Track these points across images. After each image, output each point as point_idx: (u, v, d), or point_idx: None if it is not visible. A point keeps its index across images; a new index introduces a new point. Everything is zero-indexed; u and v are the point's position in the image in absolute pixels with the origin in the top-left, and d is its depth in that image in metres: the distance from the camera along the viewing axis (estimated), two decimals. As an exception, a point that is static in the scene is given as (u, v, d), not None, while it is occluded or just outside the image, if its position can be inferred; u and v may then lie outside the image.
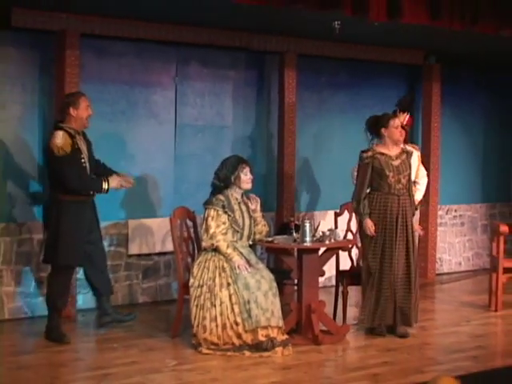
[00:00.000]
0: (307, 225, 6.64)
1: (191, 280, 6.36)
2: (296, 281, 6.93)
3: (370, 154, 6.83)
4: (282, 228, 7.72)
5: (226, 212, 6.41)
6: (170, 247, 7.55)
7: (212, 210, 6.40)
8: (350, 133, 9.44)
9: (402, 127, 7.75)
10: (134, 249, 7.97)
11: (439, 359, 6.31)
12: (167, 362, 6.02)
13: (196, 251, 6.99)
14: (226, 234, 6.39)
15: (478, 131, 10.65)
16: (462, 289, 9.28)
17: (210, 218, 6.38)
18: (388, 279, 6.71)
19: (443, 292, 9.06)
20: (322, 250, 6.85)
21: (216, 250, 6.34)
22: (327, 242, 6.71)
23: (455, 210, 10.35)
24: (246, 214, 6.55)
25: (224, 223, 6.40)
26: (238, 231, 6.47)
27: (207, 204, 6.45)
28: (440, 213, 10.03)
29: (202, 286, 6.28)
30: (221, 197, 6.45)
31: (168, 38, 7.93)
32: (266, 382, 5.57)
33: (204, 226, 6.40)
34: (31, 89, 7.49)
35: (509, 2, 6.85)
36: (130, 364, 5.94)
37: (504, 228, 7.86)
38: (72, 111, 6.49)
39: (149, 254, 8.06)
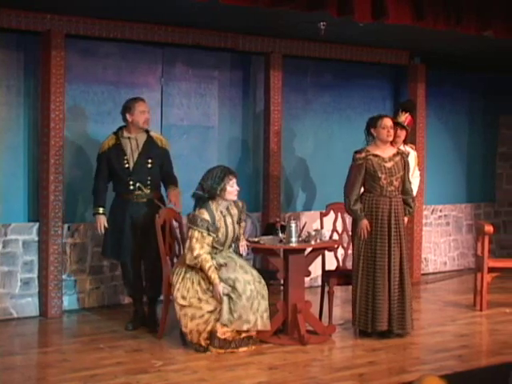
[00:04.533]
0: (293, 225, 6.65)
1: (174, 292, 6.36)
2: (282, 281, 6.95)
3: (363, 154, 6.78)
4: (268, 228, 7.74)
5: (209, 234, 6.33)
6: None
7: (196, 232, 6.30)
8: (335, 133, 9.48)
9: (403, 127, 7.79)
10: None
11: (424, 359, 6.34)
12: (154, 362, 6.00)
13: (182, 252, 6.98)
14: (210, 253, 6.34)
15: (463, 132, 10.70)
16: (447, 288, 9.32)
17: (194, 240, 6.29)
18: (382, 282, 6.67)
19: (428, 292, 9.09)
20: (307, 250, 6.86)
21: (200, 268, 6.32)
22: (313, 242, 6.72)
23: (440, 210, 10.40)
24: (230, 228, 6.47)
25: (208, 244, 6.34)
26: (218, 248, 6.45)
27: (192, 224, 6.34)
28: (425, 213, 10.07)
29: (185, 298, 6.31)
30: (206, 216, 6.33)
31: (154, 39, 7.93)
32: (252, 382, 5.57)
33: (188, 245, 6.32)
34: (16, 90, 7.47)
35: (491, 3, 6.89)
36: (116, 365, 5.93)
37: (489, 228, 7.89)
38: (128, 117, 6.93)
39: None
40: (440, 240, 10.41)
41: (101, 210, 6.96)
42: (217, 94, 8.68)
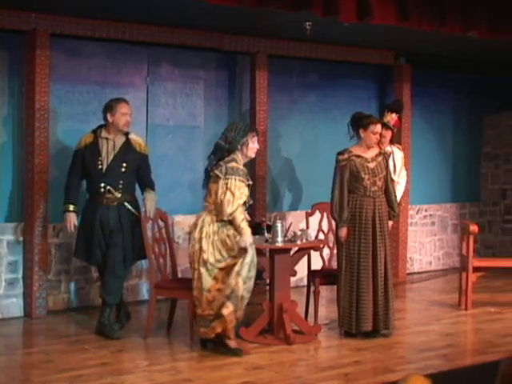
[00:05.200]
0: (279, 225, 6.65)
1: (204, 255, 6.14)
2: (268, 281, 6.95)
3: (346, 156, 6.78)
4: (254, 228, 7.72)
5: (248, 185, 6.19)
6: (141, 248, 7.50)
7: (238, 181, 6.10)
8: (321, 133, 9.49)
9: (389, 127, 7.81)
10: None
11: (410, 358, 6.35)
12: (139, 362, 5.99)
13: (168, 252, 6.97)
14: (242, 208, 6.18)
15: (448, 132, 10.74)
16: (432, 288, 9.34)
17: (236, 189, 6.08)
18: (366, 283, 6.66)
19: (414, 291, 9.11)
20: (293, 250, 6.86)
21: (230, 222, 6.13)
22: (299, 242, 6.72)
23: (426, 210, 10.43)
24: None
25: (245, 195, 6.18)
26: (246, 206, 6.28)
27: (230, 174, 6.10)
28: (411, 212, 10.10)
29: (221, 261, 6.17)
30: (239, 166, 6.16)
31: (139, 39, 7.91)
32: (238, 382, 5.56)
33: (227, 197, 6.06)
34: (0, 89, 7.43)
35: (474, 3, 6.91)
36: (101, 365, 5.91)
37: (474, 227, 7.93)
38: (109, 117, 6.72)
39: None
40: (425, 240, 10.44)
41: (71, 207, 6.77)
42: (202, 93, 8.68)
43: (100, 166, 6.70)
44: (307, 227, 7.31)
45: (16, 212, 7.52)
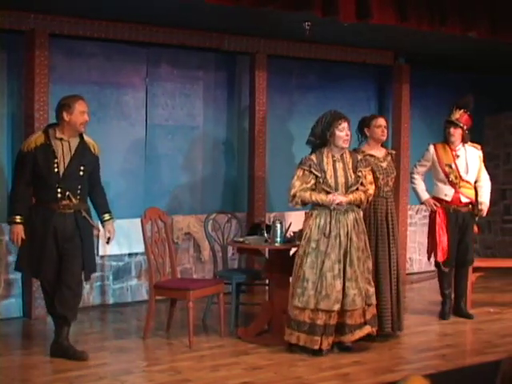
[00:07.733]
0: (278, 225, 6.66)
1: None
2: (267, 281, 6.94)
3: (360, 155, 6.76)
4: (254, 228, 7.73)
5: (311, 172, 6.25)
6: (140, 248, 7.49)
7: (299, 170, 6.30)
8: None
9: (458, 125, 7.36)
10: (104, 249, 7.93)
11: (409, 358, 6.36)
12: (138, 363, 6.00)
13: (168, 252, 6.96)
14: (306, 191, 6.27)
15: (447, 132, 10.72)
16: (432, 288, 9.32)
17: (295, 178, 6.29)
18: (385, 284, 6.60)
19: (413, 291, 9.11)
20: (293, 250, 6.86)
21: (304, 204, 6.31)
22: (298, 242, 6.72)
23: (425, 210, 10.39)
24: (339, 172, 6.28)
25: (307, 183, 6.27)
26: (330, 192, 6.25)
27: (298, 165, 6.36)
28: (410, 213, 10.10)
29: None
30: (312, 157, 6.29)
31: (138, 39, 7.91)
32: (237, 382, 5.56)
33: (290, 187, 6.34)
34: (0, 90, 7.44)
35: (474, 4, 6.92)
36: (100, 365, 5.91)
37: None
38: (65, 116, 6.06)
39: (120, 255, 8.04)
40: (425, 240, 10.39)
41: (18, 218, 6.03)
42: (202, 94, 8.68)
43: (56, 170, 6.02)
44: (307, 227, 7.29)
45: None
